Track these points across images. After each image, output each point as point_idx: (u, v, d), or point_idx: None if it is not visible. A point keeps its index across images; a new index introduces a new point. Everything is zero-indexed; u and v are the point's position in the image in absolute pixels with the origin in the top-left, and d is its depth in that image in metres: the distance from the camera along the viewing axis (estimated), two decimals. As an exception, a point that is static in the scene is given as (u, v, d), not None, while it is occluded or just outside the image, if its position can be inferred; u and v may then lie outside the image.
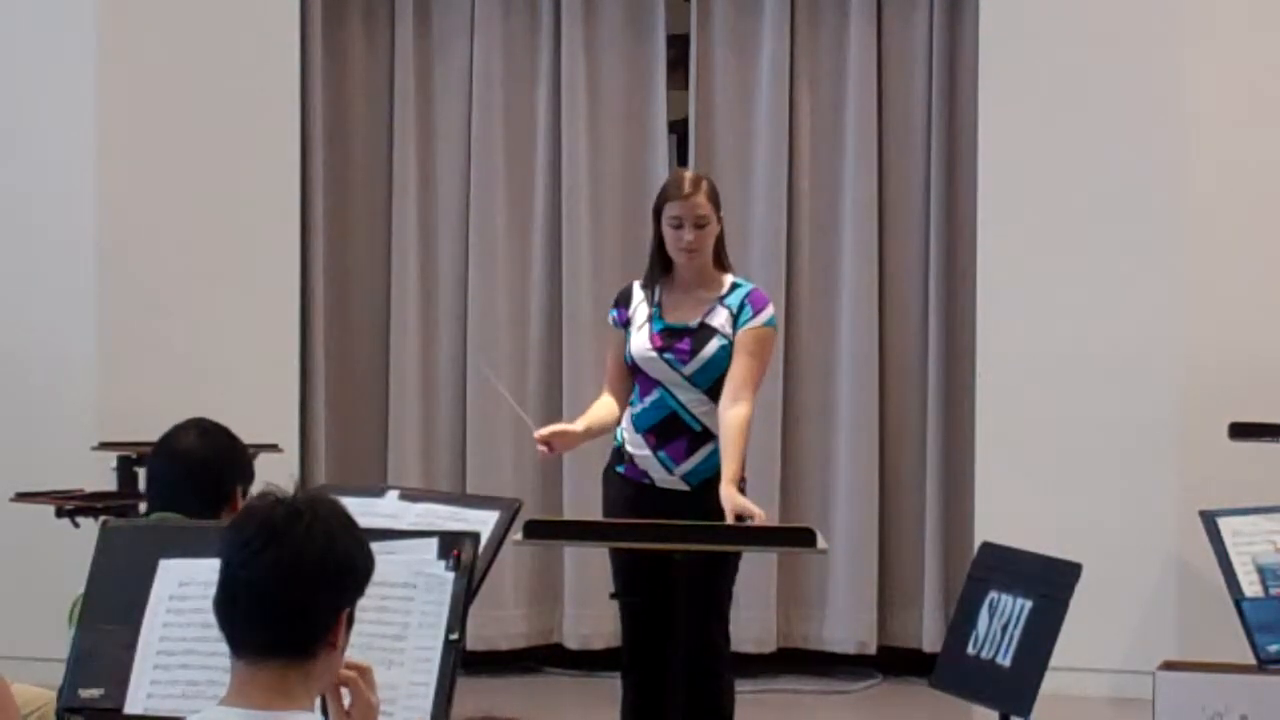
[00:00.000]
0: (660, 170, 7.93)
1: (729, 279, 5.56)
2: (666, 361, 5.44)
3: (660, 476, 5.45)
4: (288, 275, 7.90)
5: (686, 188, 5.47)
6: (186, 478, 4.29)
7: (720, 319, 5.47)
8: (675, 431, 5.44)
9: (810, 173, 8.00)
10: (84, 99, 7.63)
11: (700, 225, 5.45)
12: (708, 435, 5.44)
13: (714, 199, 5.51)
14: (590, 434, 5.55)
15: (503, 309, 8.04)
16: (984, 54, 7.66)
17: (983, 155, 7.66)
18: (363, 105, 8.17)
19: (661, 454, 5.45)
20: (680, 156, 8.12)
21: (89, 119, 7.63)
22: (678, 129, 8.12)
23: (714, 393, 5.44)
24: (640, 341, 5.48)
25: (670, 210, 5.47)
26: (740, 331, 5.45)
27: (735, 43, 8.01)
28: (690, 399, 5.44)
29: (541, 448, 5.45)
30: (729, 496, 5.26)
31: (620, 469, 5.53)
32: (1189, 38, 7.43)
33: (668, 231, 5.48)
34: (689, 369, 5.44)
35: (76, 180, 7.63)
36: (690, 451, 5.44)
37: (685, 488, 5.45)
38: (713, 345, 5.44)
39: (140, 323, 7.65)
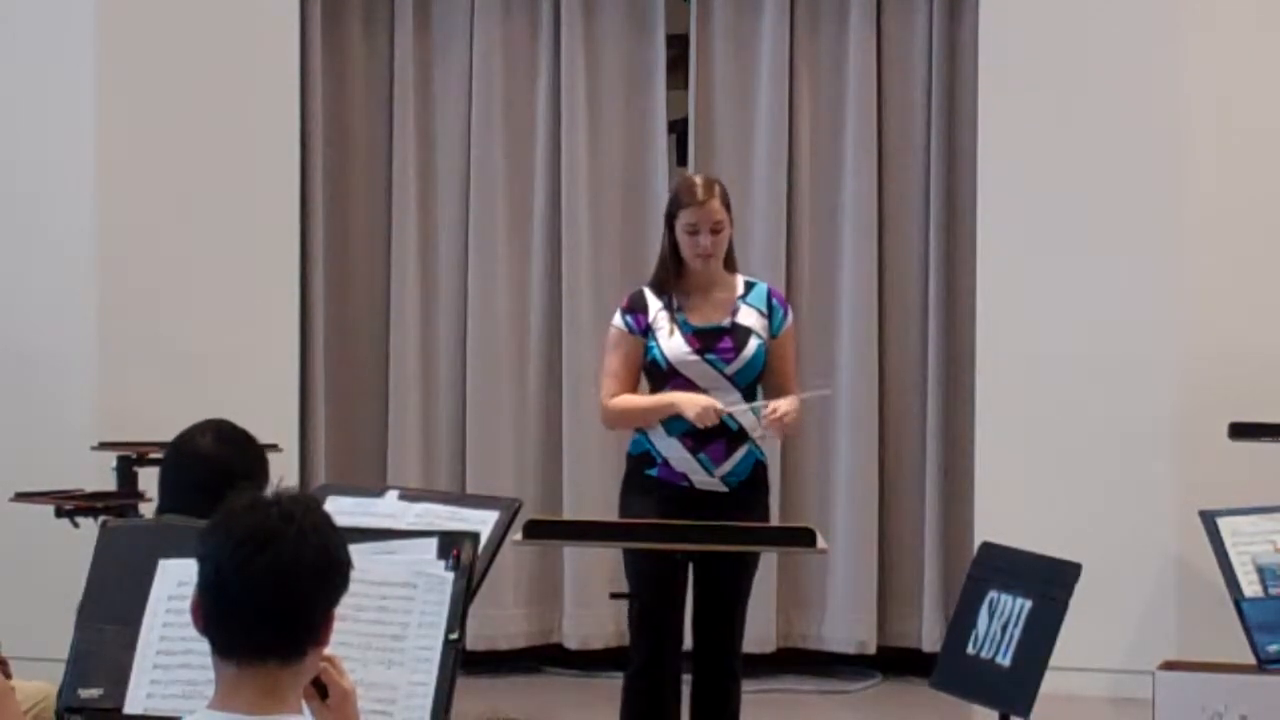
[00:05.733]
0: (660, 170, 7.95)
1: (740, 278, 5.63)
2: (709, 362, 5.49)
3: (700, 478, 5.45)
4: (288, 275, 7.90)
5: (700, 194, 5.52)
6: (196, 482, 4.25)
7: (752, 318, 5.54)
8: (713, 432, 5.44)
9: (810, 172, 8.00)
10: (84, 99, 7.63)
11: (716, 230, 5.51)
12: (743, 435, 5.48)
13: (727, 202, 5.58)
14: None
15: (503, 309, 8.04)
16: (984, 54, 7.66)
17: (983, 155, 7.65)
18: (363, 105, 8.17)
19: (701, 455, 5.45)
20: (680, 156, 8.12)
21: (89, 119, 7.63)
22: (677, 128, 8.12)
23: (747, 392, 5.51)
24: (676, 346, 5.49)
25: (685, 217, 5.51)
26: (781, 336, 5.57)
27: (735, 42, 8.00)
28: (728, 401, 5.45)
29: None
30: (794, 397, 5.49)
31: (653, 472, 5.50)
32: (1189, 38, 7.43)
33: (683, 238, 5.51)
34: (732, 368, 5.49)
35: (76, 180, 7.63)
36: (729, 452, 5.46)
37: (724, 489, 5.47)
38: (752, 345, 5.51)
39: (140, 323, 7.64)
